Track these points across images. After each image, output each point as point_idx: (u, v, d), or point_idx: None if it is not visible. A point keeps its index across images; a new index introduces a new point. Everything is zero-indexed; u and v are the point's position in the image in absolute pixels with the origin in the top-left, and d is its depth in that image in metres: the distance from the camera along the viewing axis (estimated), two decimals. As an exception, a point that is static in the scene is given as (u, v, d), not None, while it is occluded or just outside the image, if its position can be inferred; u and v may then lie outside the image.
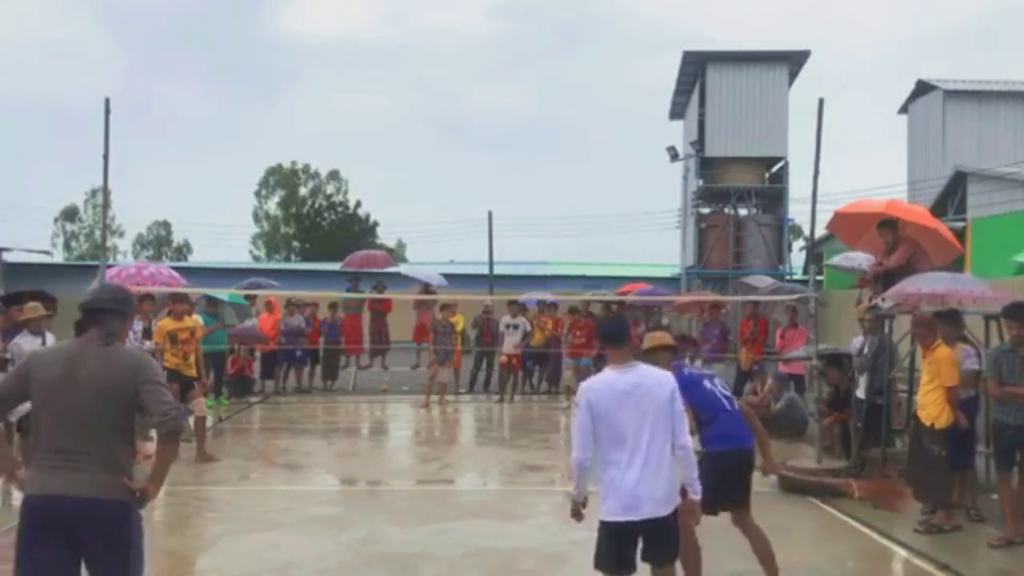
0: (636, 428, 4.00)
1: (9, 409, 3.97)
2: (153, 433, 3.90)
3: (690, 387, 5.09)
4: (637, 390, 4.03)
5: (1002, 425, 6.64)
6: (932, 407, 6.97)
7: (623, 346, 4.22)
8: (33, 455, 3.66)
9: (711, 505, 5.09)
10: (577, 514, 4.23)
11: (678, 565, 4.60)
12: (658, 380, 4.11)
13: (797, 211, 30.59)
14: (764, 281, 15.18)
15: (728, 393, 5.44)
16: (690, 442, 4.21)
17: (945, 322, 7.35)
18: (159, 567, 4.11)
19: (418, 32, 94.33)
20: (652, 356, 5.25)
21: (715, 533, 6.87)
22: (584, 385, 4.15)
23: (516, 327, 15.30)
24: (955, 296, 7.90)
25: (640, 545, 4.15)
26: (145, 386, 3.59)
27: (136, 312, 3.98)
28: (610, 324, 4.60)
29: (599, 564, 4.16)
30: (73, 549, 3.48)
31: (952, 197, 24.49)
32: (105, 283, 3.92)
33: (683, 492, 4.30)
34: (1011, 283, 9.82)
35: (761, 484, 8.62)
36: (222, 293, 14.81)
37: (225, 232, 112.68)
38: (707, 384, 5.35)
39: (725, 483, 5.22)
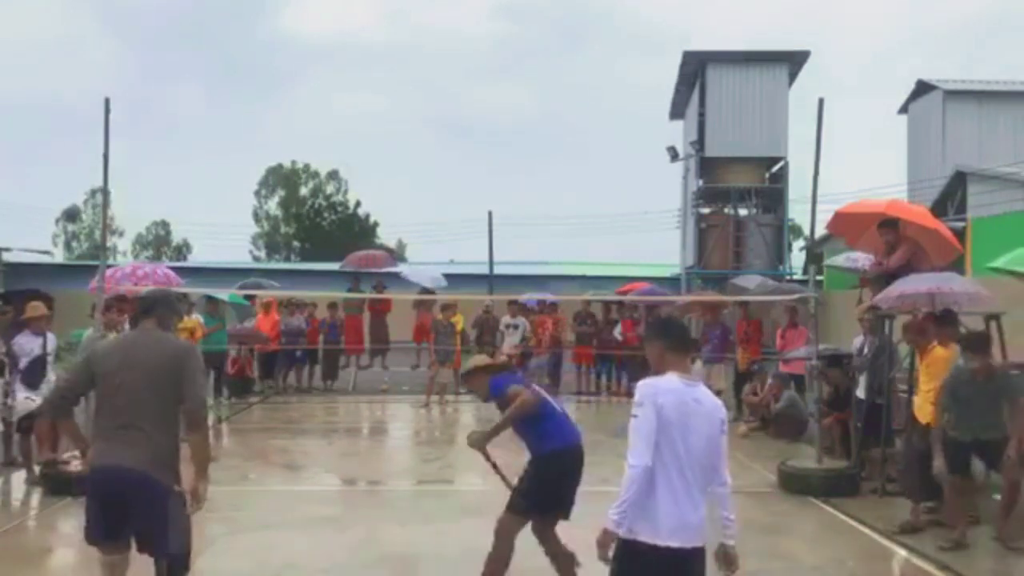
0: (692, 448, 3.48)
1: (76, 399, 4.36)
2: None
3: (521, 382, 5.27)
4: (699, 407, 3.51)
5: (956, 443, 6.56)
6: (928, 407, 6.98)
7: (686, 354, 3.74)
8: (96, 432, 4.14)
9: (539, 508, 5.01)
10: (607, 548, 3.43)
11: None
12: (716, 403, 3.60)
13: (797, 211, 30.63)
14: (753, 281, 15.19)
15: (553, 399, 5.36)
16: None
17: (941, 323, 7.38)
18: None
19: (418, 32, 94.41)
20: (470, 377, 5.41)
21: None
22: (650, 385, 3.49)
23: (516, 327, 15.30)
24: (949, 296, 7.87)
25: None
26: (185, 372, 4.07)
27: (181, 312, 4.91)
28: (677, 326, 3.93)
29: None
30: (122, 515, 3.99)
31: (952, 197, 24.48)
32: (158, 288, 4.87)
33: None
34: (1004, 283, 9.80)
35: (761, 484, 8.68)
36: (222, 293, 14.80)
37: (225, 232, 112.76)
38: (537, 387, 5.32)
39: (564, 483, 5.03)
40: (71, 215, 62.32)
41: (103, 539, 4.09)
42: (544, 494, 5.04)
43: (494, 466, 5.37)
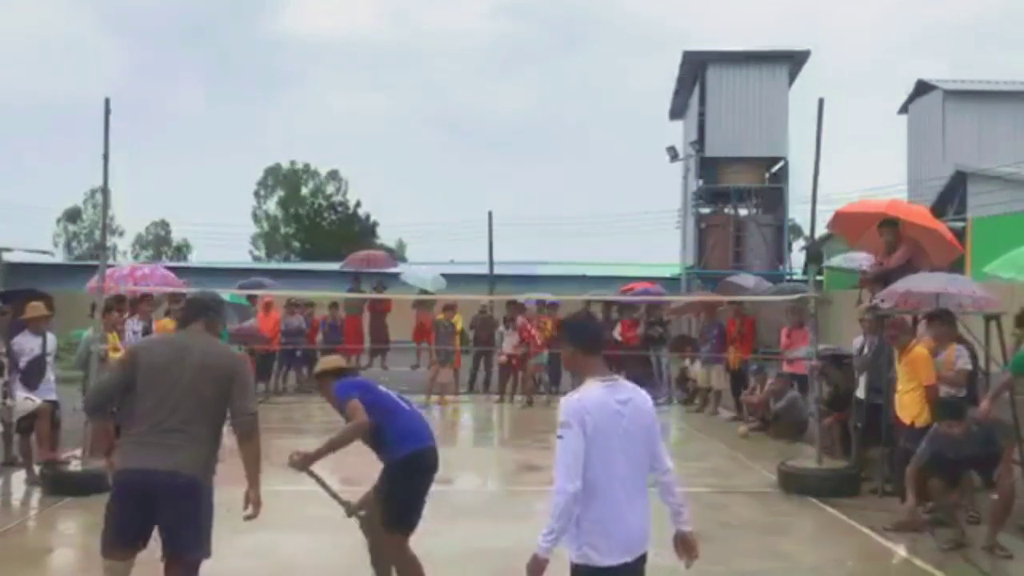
0: (631, 452, 3.35)
1: (119, 399, 4.11)
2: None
3: (366, 388, 5.03)
4: (628, 408, 3.37)
5: (941, 458, 6.41)
6: (912, 406, 6.99)
7: (600, 353, 3.54)
8: (131, 432, 3.97)
9: (412, 518, 4.84)
10: (539, 572, 3.22)
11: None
12: (642, 396, 3.47)
13: (797, 211, 30.65)
14: (750, 280, 15.20)
15: (406, 398, 5.22)
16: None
17: (939, 323, 7.38)
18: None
19: (419, 32, 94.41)
20: (319, 381, 5.29)
21: (730, 531, 6.89)
22: (575, 402, 3.30)
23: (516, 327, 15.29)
24: (955, 298, 7.90)
25: None
26: (238, 381, 4.02)
27: (225, 319, 4.61)
28: (584, 326, 3.71)
29: None
30: (149, 519, 3.88)
31: (952, 197, 24.49)
32: (205, 291, 4.63)
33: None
34: (1003, 283, 9.81)
35: (761, 484, 8.68)
36: (224, 294, 14.78)
37: (225, 232, 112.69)
38: (382, 388, 5.18)
39: (424, 489, 4.88)
40: (72, 216, 62.38)
41: (125, 547, 3.94)
42: (411, 503, 4.89)
43: (322, 485, 5.15)
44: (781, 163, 30.15)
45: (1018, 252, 8.57)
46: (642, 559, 3.43)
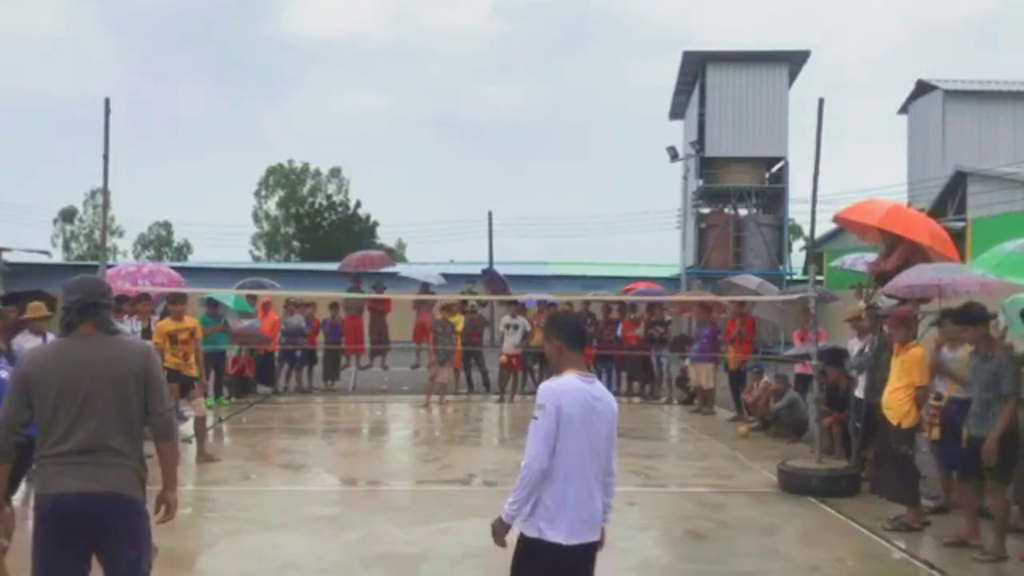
0: (594, 444, 3.58)
1: (23, 432, 3.63)
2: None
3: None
4: (599, 404, 3.61)
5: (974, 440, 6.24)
6: (899, 406, 6.91)
7: (583, 349, 3.78)
8: (45, 456, 3.53)
9: None
10: (502, 535, 3.62)
11: None
12: (610, 397, 3.72)
13: (797, 211, 30.66)
14: (752, 281, 15.19)
15: None
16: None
17: (960, 320, 6.67)
18: (159, 567, 4.11)
19: (419, 32, 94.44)
20: None
21: (730, 531, 6.90)
22: (552, 388, 3.56)
23: (516, 327, 15.30)
24: (961, 286, 7.67)
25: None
26: (150, 379, 3.63)
27: (113, 305, 3.86)
28: (573, 322, 3.93)
29: None
30: (88, 546, 3.53)
31: (952, 197, 24.48)
32: (84, 277, 3.79)
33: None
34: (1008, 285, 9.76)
35: (761, 484, 8.69)
36: (223, 295, 14.77)
37: (225, 232, 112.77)
38: None
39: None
40: (68, 216, 62.37)
41: None
42: None
43: None
44: (781, 163, 30.15)
45: (997, 250, 8.35)
46: (594, 547, 3.65)
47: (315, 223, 59.44)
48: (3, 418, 3.57)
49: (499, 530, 3.61)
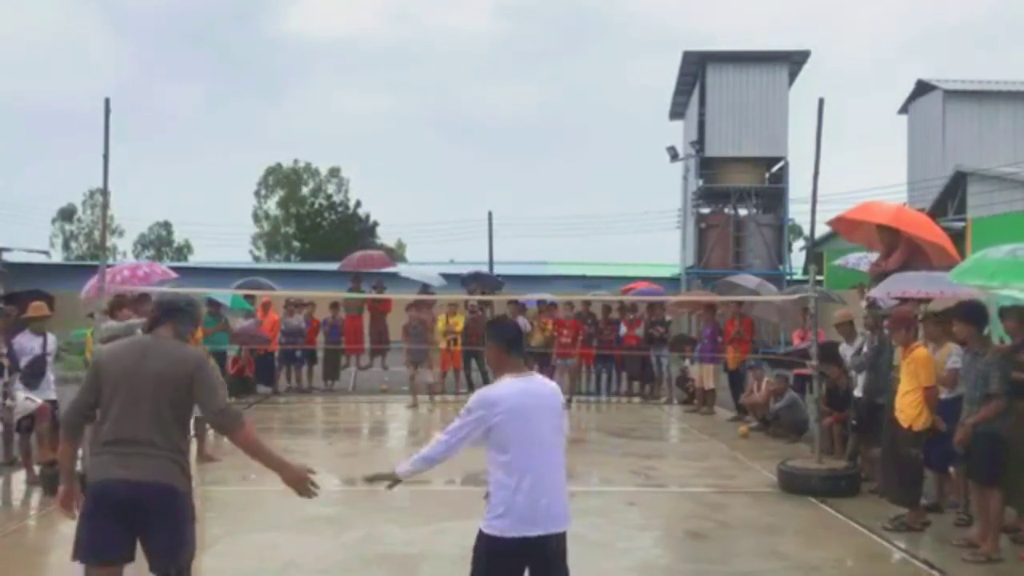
0: (539, 436, 3.72)
1: (93, 414, 3.90)
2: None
3: None
4: (539, 396, 3.80)
5: (995, 439, 6.18)
6: (910, 409, 6.84)
7: (521, 353, 3.92)
8: (97, 444, 3.82)
9: None
10: (382, 483, 3.99)
11: None
12: (552, 387, 3.93)
13: (797, 211, 30.65)
14: (752, 281, 15.19)
15: None
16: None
17: (959, 317, 6.75)
18: None
19: (420, 32, 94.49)
20: None
21: (730, 531, 6.90)
22: (484, 396, 3.77)
23: (516, 327, 15.29)
24: (952, 296, 7.77)
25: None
26: (198, 383, 3.84)
27: (200, 320, 4.36)
28: (511, 328, 4.05)
29: None
30: (132, 530, 3.72)
31: (952, 197, 24.49)
32: (188, 292, 4.36)
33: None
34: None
35: (761, 484, 8.69)
36: (225, 296, 14.76)
37: (225, 232, 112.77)
38: None
39: None
40: (67, 215, 62.36)
41: (105, 559, 3.73)
42: None
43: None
44: (781, 163, 30.15)
45: (982, 256, 8.33)
46: (562, 537, 3.76)
47: (315, 223, 59.41)
48: (75, 399, 3.90)
49: (386, 478, 3.93)
